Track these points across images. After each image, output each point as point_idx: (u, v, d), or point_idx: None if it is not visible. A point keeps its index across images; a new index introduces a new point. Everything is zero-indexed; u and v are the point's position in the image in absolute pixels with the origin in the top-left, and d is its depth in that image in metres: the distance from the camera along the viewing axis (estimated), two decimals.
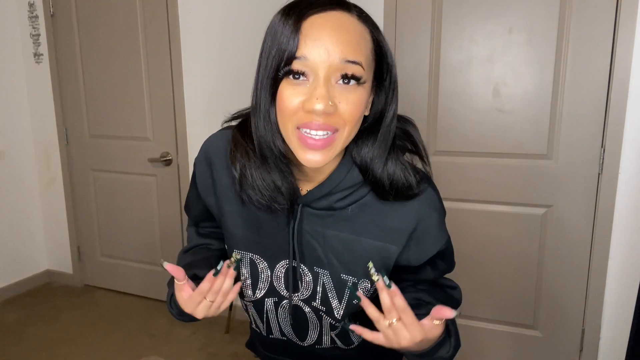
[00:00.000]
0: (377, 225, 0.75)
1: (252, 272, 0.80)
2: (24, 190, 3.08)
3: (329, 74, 0.63)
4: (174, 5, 2.51)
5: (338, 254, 0.76)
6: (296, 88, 0.65)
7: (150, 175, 2.80)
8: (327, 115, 0.64)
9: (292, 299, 0.80)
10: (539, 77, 1.93)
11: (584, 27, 1.83)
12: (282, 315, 0.83)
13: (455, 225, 2.16)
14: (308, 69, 0.64)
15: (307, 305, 0.80)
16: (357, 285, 0.76)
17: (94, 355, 2.37)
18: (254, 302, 0.84)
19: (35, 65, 2.97)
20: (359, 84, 0.65)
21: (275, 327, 0.86)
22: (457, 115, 2.06)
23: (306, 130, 0.65)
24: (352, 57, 0.63)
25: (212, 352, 2.39)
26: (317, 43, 0.63)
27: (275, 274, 0.80)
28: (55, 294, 3.07)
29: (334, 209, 0.75)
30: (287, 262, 0.78)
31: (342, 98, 0.64)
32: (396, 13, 2.08)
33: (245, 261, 0.80)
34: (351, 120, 0.66)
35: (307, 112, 0.64)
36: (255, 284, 0.81)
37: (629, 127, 1.84)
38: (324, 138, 0.65)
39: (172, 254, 2.83)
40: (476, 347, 2.23)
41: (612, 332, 2.01)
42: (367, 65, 0.66)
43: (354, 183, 0.74)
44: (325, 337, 0.84)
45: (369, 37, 0.68)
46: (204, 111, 2.56)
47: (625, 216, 1.91)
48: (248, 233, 0.79)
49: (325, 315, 0.80)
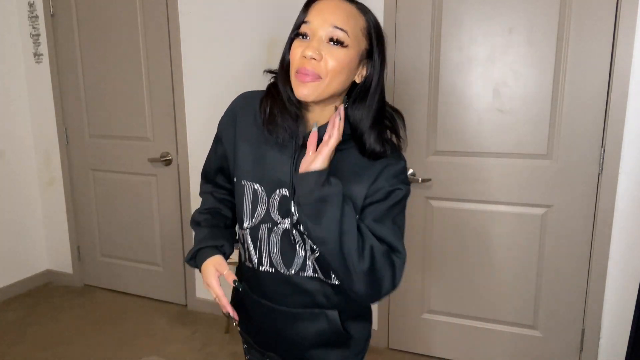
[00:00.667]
0: (354, 167, 0.96)
1: (253, 200, 0.99)
2: (24, 190, 3.08)
3: (322, 35, 0.89)
4: (174, 6, 2.51)
5: None
6: (302, 44, 0.90)
7: (150, 175, 2.80)
8: (315, 62, 0.88)
9: (283, 223, 0.97)
10: (539, 77, 1.93)
11: (584, 27, 1.83)
12: (274, 241, 0.99)
13: (455, 225, 2.16)
14: (310, 32, 0.90)
15: (295, 229, 0.97)
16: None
17: (94, 355, 2.37)
18: (251, 229, 1.01)
19: (35, 65, 2.97)
20: (342, 47, 0.89)
21: (266, 255, 1.01)
22: (457, 115, 2.06)
23: (300, 73, 0.89)
24: (339, 25, 0.88)
25: (212, 352, 2.39)
26: (318, 13, 0.90)
27: (272, 202, 0.98)
28: (55, 294, 3.07)
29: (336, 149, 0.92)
30: (281, 190, 0.97)
31: (327, 52, 0.89)
32: (396, 13, 2.08)
33: (248, 190, 0.99)
34: (332, 71, 0.89)
35: (302, 57, 0.89)
36: (254, 210, 0.99)
37: (629, 127, 1.84)
38: (312, 74, 0.88)
39: (172, 254, 2.83)
40: (476, 347, 2.23)
41: (612, 332, 2.01)
42: (353, 36, 0.90)
43: (343, 133, 0.93)
44: (308, 262, 0.99)
45: (362, 19, 0.92)
46: (204, 111, 2.56)
47: (625, 216, 1.91)
48: (255, 167, 0.99)
49: (308, 237, 0.95)
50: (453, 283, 2.21)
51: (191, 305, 2.85)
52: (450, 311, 2.25)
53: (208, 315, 2.77)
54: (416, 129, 2.14)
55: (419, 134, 2.13)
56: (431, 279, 2.25)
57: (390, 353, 2.36)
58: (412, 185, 2.18)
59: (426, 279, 2.25)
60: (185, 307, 2.87)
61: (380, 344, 2.40)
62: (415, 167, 2.17)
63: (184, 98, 2.60)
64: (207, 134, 2.62)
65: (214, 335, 2.55)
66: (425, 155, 2.14)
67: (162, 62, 2.62)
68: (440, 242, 2.20)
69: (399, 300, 2.32)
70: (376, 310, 2.38)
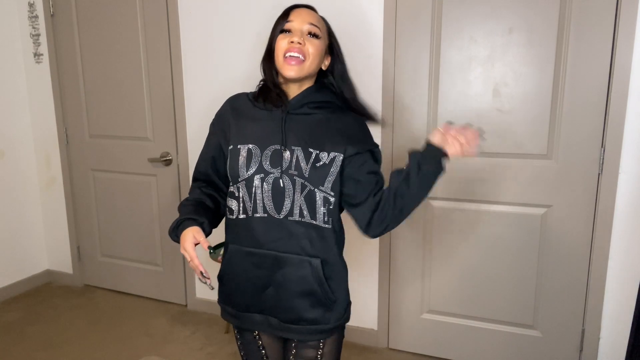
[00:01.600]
0: (332, 128, 1.22)
1: (247, 156, 1.18)
2: (24, 190, 3.08)
3: (302, 29, 1.19)
4: (174, 5, 2.51)
5: (308, 135, 1.19)
6: (286, 36, 1.19)
7: (150, 175, 2.80)
8: (300, 46, 1.17)
9: (274, 172, 1.16)
10: (539, 77, 1.93)
11: (584, 27, 1.83)
12: (266, 188, 1.16)
13: (455, 225, 2.16)
14: (292, 28, 1.19)
15: (285, 174, 1.16)
16: None
17: (94, 355, 2.37)
18: (246, 180, 1.17)
19: (35, 65, 2.98)
20: (317, 38, 1.20)
21: (260, 202, 1.17)
22: (457, 115, 2.06)
23: (289, 54, 1.17)
24: (314, 23, 1.21)
25: (212, 352, 2.39)
26: (297, 15, 1.21)
27: (265, 156, 1.17)
28: (55, 294, 3.07)
29: (307, 113, 1.22)
30: (273, 146, 1.18)
31: (308, 42, 1.18)
32: (396, 13, 2.08)
33: (243, 150, 1.19)
34: (312, 54, 1.18)
35: (290, 43, 1.17)
36: (249, 165, 1.17)
37: (629, 127, 1.84)
38: (297, 59, 1.17)
39: (172, 254, 2.83)
40: (476, 347, 2.23)
41: (612, 332, 2.01)
42: (323, 33, 1.22)
43: (324, 99, 1.24)
44: (296, 205, 1.16)
45: (323, 23, 1.26)
46: (204, 111, 2.56)
47: (625, 216, 1.91)
48: (249, 133, 1.21)
49: (297, 177, 1.15)
50: (453, 283, 2.21)
51: (191, 305, 2.85)
52: (450, 311, 2.25)
53: (208, 315, 2.77)
54: (416, 129, 2.14)
55: (419, 133, 2.13)
56: (431, 279, 2.25)
57: (390, 353, 2.36)
58: None
59: (426, 279, 2.25)
60: (185, 307, 2.87)
61: (380, 344, 2.40)
62: None
63: (184, 98, 2.60)
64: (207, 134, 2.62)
65: (214, 335, 2.55)
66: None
67: (162, 62, 2.62)
68: (440, 242, 2.20)
69: (399, 300, 2.32)
70: (376, 310, 2.38)
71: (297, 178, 1.15)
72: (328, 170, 1.16)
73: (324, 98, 1.24)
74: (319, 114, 1.23)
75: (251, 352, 1.30)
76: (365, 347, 2.41)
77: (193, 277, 2.80)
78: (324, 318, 1.21)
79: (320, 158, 1.16)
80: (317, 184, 1.16)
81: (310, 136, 1.19)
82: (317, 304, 1.20)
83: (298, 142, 1.18)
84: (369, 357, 2.33)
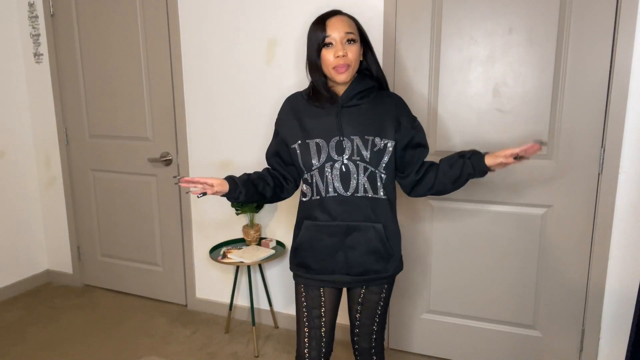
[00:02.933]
0: (379, 115, 1.49)
1: (317, 149, 1.46)
2: (24, 190, 3.09)
3: (341, 39, 1.43)
4: (174, 5, 2.51)
5: (361, 125, 1.46)
6: (330, 51, 1.43)
7: (150, 175, 2.80)
8: (344, 58, 1.42)
9: (341, 159, 1.44)
10: (539, 77, 1.93)
11: (584, 27, 1.83)
12: (335, 173, 1.44)
13: (455, 225, 2.16)
14: (333, 41, 1.43)
15: (349, 160, 1.44)
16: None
17: (94, 355, 2.37)
18: (319, 168, 1.46)
19: (35, 65, 2.98)
20: (354, 43, 1.45)
21: (330, 184, 1.45)
22: (457, 115, 2.06)
23: (337, 67, 1.43)
24: (349, 30, 1.44)
25: (212, 352, 2.39)
26: (333, 27, 1.43)
27: (330, 146, 1.45)
28: (55, 294, 3.08)
29: (358, 104, 1.49)
30: (335, 138, 1.45)
31: (348, 49, 1.43)
32: (396, 13, 2.08)
33: (312, 144, 1.46)
34: (353, 60, 1.44)
35: (336, 58, 1.42)
36: (319, 155, 1.45)
37: (629, 127, 1.84)
38: (345, 66, 1.43)
39: (172, 254, 2.83)
40: (476, 347, 2.23)
41: (612, 332, 2.01)
42: (356, 35, 1.46)
43: (367, 87, 1.50)
44: (360, 184, 1.44)
45: (354, 22, 1.49)
46: (204, 111, 2.56)
47: (625, 216, 1.91)
48: (314, 128, 1.48)
49: (360, 161, 1.44)
50: (453, 283, 2.21)
51: (191, 305, 2.85)
52: (450, 311, 2.25)
53: (208, 315, 2.77)
54: None
55: None
56: (431, 279, 2.24)
57: (390, 353, 2.36)
58: None
59: (426, 279, 2.25)
60: (185, 307, 2.87)
61: None
62: None
63: (184, 98, 2.60)
64: (207, 134, 2.63)
65: (214, 335, 2.55)
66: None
67: (162, 62, 2.62)
68: (440, 242, 2.20)
69: (399, 300, 2.32)
70: None
71: (360, 162, 1.44)
72: (383, 154, 1.45)
73: (366, 85, 1.50)
74: (364, 103, 1.49)
75: (314, 303, 1.55)
76: None
77: (193, 277, 2.81)
78: (385, 269, 1.52)
79: (376, 143, 1.45)
80: (376, 166, 1.45)
81: (364, 125, 1.46)
82: (380, 259, 1.49)
83: (354, 132, 1.45)
84: None
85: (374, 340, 1.62)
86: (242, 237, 2.56)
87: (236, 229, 2.62)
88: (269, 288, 2.61)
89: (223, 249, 2.47)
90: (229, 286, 2.71)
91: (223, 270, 2.72)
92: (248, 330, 2.60)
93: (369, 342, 1.61)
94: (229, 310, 2.56)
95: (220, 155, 2.57)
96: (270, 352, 2.38)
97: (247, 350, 2.40)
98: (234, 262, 2.30)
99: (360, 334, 1.61)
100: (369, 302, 1.56)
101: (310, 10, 2.21)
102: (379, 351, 1.64)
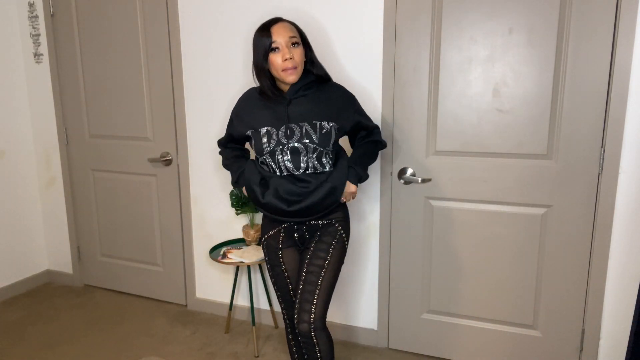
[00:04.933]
0: (323, 101, 1.70)
1: (267, 136, 1.63)
2: (24, 190, 3.09)
3: (287, 43, 1.60)
4: (174, 6, 2.51)
5: (308, 112, 1.65)
6: (277, 55, 1.60)
7: (150, 175, 2.80)
8: (292, 60, 1.59)
9: (290, 143, 1.62)
10: (539, 77, 1.93)
11: (584, 28, 1.83)
12: (286, 155, 1.62)
13: (455, 225, 2.16)
14: (279, 45, 1.59)
15: (299, 142, 1.61)
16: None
17: (94, 355, 2.37)
18: (270, 152, 1.63)
19: (35, 65, 2.98)
20: (298, 46, 1.63)
21: (283, 165, 1.62)
22: (457, 115, 2.06)
23: (286, 69, 1.60)
24: (292, 35, 1.62)
25: (212, 352, 2.39)
26: (277, 33, 1.60)
27: (280, 133, 1.63)
28: (55, 294, 3.08)
29: (304, 95, 1.67)
30: (284, 125, 1.63)
31: (293, 52, 1.61)
32: (396, 13, 2.08)
33: (263, 131, 1.64)
34: (299, 62, 1.62)
35: (283, 61, 1.59)
36: (270, 141, 1.63)
37: (629, 127, 1.84)
38: (293, 69, 1.60)
39: (172, 254, 2.83)
40: (476, 347, 2.23)
41: (612, 332, 2.01)
42: (298, 38, 1.63)
43: (309, 81, 1.68)
44: (310, 163, 1.62)
45: (296, 29, 1.66)
46: (204, 111, 2.56)
47: (625, 216, 1.91)
48: (266, 118, 1.67)
49: (309, 143, 1.61)
50: (453, 283, 2.21)
51: (191, 305, 2.85)
52: (450, 311, 2.25)
53: (208, 315, 2.77)
54: (416, 129, 2.14)
55: (419, 133, 2.13)
56: (431, 279, 2.24)
57: (390, 353, 2.36)
58: (412, 185, 2.18)
59: (426, 279, 2.25)
60: (185, 307, 2.87)
61: (380, 344, 2.40)
62: (415, 167, 2.17)
63: (184, 98, 2.60)
64: (207, 133, 2.63)
65: (214, 335, 2.55)
66: (425, 155, 2.15)
67: (162, 62, 2.62)
68: (440, 242, 2.20)
69: (399, 300, 2.32)
70: (376, 310, 2.38)
71: (309, 144, 1.62)
72: (330, 135, 1.65)
73: (308, 80, 1.68)
74: (309, 93, 1.68)
75: (275, 264, 1.78)
76: (365, 347, 2.41)
77: (193, 277, 2.81)
78: (334, 203, 1.71)
79: (323, 126, 1.64)
80: (324, 146, 1.63)
81: (311, 111, 1.65)
82: (331, 203, 1.70)
83: (303, 119, 1.63)
84: (369, 357, 2.33)
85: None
86: (242, 237, 2.56)
87: (236, 229, 2.62)
88: (269, 288, 2.61)
89: (223, 249, 2.47)
90: (229, 286, 2.71)
91: (223, 270, 2.72)
92: (248, 330, 2.60)
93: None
94: (229, 310, 2.56)
95: None
96: (270, 352, 2.38)
97: (247, 350, 2.40)
98: (234, 262, 2.30)
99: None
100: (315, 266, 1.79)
101: (310, 10, 2.21)
102: None
